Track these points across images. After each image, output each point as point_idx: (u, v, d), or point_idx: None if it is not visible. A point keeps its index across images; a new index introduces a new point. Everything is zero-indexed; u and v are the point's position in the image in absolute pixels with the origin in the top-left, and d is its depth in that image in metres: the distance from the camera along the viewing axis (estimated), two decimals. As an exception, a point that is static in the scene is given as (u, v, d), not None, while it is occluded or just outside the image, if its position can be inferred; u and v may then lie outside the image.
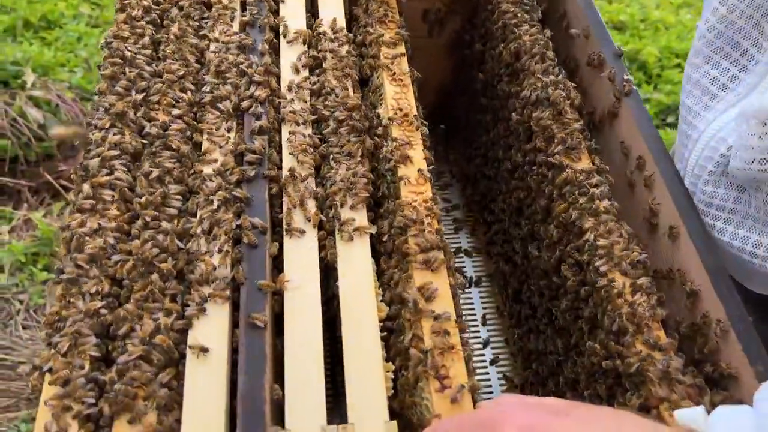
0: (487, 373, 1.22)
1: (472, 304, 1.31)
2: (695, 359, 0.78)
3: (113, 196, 0.78)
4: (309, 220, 0.81)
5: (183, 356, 0.70)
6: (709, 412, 0.59)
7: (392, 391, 0.72)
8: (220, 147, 0.85)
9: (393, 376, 0.73)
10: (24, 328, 2.06)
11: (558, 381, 0.98)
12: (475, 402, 0.70)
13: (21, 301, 2.12)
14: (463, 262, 1.36)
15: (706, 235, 0.85)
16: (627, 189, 0.94)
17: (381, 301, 0.79)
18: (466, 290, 1.32)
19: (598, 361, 0.81)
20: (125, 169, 0.81)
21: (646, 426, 0.56)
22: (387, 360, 0.73)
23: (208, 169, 0.83)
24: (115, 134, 0.83)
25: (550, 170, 0.94)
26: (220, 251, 0.76)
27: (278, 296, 0.76)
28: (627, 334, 0.76)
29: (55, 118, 2.44)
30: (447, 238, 0.84)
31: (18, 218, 2.30)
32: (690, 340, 0.79)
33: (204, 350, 0.69)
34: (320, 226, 0.82)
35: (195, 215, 0.79)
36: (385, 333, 0.76)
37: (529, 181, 1.01)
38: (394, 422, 0.67)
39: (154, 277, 0.72)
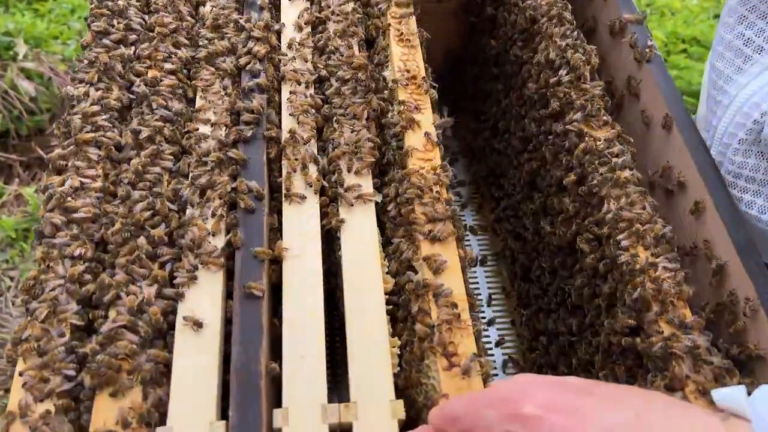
0: (492, 355, 1.17)
1: (477, 284, 1.26)
2: (720, 341, 0.73)
3: (99, 154, 0.73)
4: (310, 186, 0.75)
5: (171, 327, 0.64)
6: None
7: (398, 367, 0.66)
8: (216, 105, 0.78)
9: (399, 352, 0.67)
10: (14, 305, 2.01)
11: (570, 362, 0.93)
12: (485, 383, 0.65)
13: (11, 278, 2.07)
14: (469, 240, 1.30)
15: (734, 208, 0.79)
16: (647, 160, 0.88)
17: (386, 272, 0.73)
18: (471, 269, 1.27)
19: (618, 340, 0.76)
20: (110, 125, 0.75)
21: (677, 406, 0.50)
22: (392, 335, 0.68)
23: (202, 128, 0.77)
24: (98, 90, 0.77)
25: (567, 139, 0.88)
26: (213, 215, 0.70)
27: (276, 265, 0.71)
28: (651, 312, 0.71)
29: (47, 91, 2.38)
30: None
31: (9, 193, 2.23)
32: (715, 323, 0.74)
33: (198, 324, 0.63)
34: (322, 192, 0.76)
35: (187, 177, 0.73)
36: (390, 306, 0.70)
37: (543, 151, 0.95)
38: (400, 401, 0.62)
39: (141, 240, 0.66)
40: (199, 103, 0.79)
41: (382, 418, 0.61)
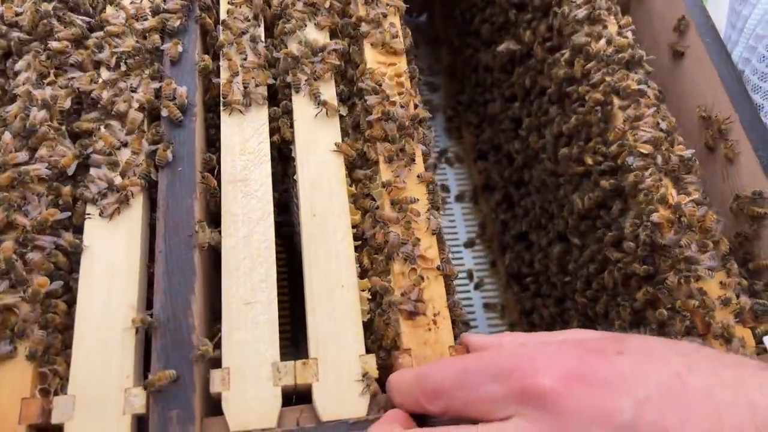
0: (470, 298, 1.06)
1: (454, 222, 1.14)
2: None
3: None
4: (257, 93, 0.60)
5: (75, 268, 0.50)
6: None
7: (369, 315, 0.53)
8: (133, -12, 0.61)
9: (370, 296, 0.54)
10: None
11: (562, 305, 0.82)
12: (455, 336, 0.52)
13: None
14: (445, 172, 1.17)
15: (761, 125, 0.67)
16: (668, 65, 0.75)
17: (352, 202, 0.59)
18: (447, 209, 1.14)
19: (623, 276, 0.65)
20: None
21: (726, 361, 0.38)
22: (361, 276, 0.55)
23: (114, 19, 0.60)
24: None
25: (568, 42, 0.74)
26: (131, 125, 0.54)
27: (214, 192, 0.56)
28: (669, 238, 0.59)
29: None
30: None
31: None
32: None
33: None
34: (272, 99, 0.61)
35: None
36: (358, 242, 0.56)
37: (541, 65, 0.81)
38: (372, 356, 0.50)
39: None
40: (112, -13, 0.62)
41: (348, 377, 0.48)
